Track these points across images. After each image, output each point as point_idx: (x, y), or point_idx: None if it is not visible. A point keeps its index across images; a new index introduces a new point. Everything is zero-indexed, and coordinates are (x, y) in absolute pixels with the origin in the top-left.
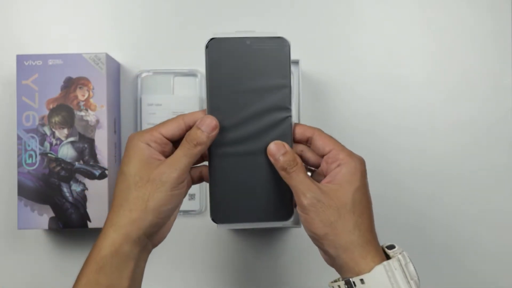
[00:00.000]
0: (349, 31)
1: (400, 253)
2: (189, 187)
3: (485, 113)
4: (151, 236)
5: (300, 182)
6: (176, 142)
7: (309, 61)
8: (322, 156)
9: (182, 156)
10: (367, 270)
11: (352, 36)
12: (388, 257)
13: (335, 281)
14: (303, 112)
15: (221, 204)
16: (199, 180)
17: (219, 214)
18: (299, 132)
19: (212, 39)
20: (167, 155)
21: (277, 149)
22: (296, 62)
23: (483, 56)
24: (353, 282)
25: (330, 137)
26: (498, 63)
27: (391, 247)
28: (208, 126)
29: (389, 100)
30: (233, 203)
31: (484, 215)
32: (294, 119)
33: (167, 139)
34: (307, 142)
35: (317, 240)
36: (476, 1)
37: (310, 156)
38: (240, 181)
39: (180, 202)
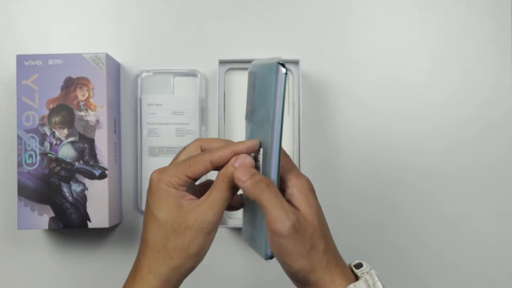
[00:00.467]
0: (349, 31)
1: (367, 273)
2: None
3: (486, 112)
4: (188, 275)
5: (281, 206)
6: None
7: (309, 61)
8: None
9: (220, 199)
10: None
11: (352, 36)
12: (356, 277)
13: None
14: (303, 112)
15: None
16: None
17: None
18: None
19: (283, 65)
20: (192, 190)
21: (244, 173)
22: (296, 62)
23: (483, 56)
24: None
25: (284, 153)
26: (498, 63)
27: (359, 265)
28: (246, 166)
29: (389, 100)
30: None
31: (484, 214)
32: (295, 121)
33: (193, 179)
34: None
35: (290, 273)
36: (476, 2)
37: None
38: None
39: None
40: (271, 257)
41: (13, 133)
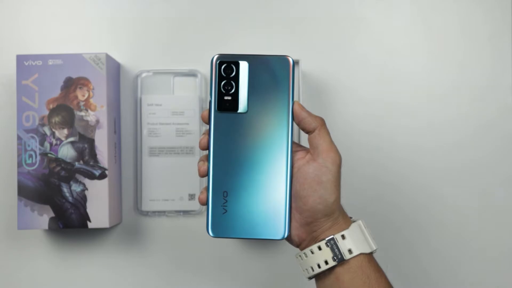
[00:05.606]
0: (349, 31)
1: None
2: None
3: (485, 111)
4: None
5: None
6: None
7: (309, 61)
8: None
9: None
10: (345, 227)
11: (352, 36)
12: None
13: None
14: None
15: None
16: None
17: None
18: None
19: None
20: None
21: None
22: (296, 62)
23: (483, 55)
24: (336, 239)
25: None
26: (498, 62)
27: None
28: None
29: (389, 100)
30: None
31: (483, 211)
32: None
33: None
34: None
35: (324, 206)
36: (475, 1)
37: None
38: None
39: None
40: (287, 235)
41: (13, 133)
